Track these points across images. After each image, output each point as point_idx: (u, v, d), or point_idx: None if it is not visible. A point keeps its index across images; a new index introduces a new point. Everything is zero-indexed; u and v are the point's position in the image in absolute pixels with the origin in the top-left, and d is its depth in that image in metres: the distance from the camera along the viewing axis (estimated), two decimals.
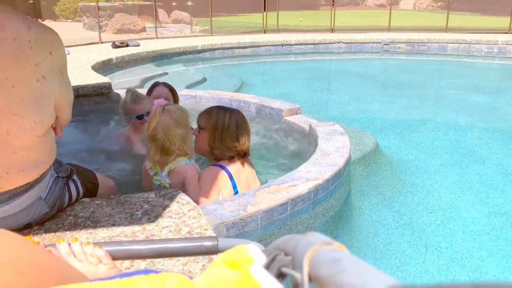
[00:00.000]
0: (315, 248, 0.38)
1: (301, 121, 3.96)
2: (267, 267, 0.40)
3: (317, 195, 2.56)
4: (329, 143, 3.20)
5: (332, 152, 3.03)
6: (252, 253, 0.41)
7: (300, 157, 3.43)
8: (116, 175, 3.12)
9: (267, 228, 2.29)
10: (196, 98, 4.80)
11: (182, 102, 4.79)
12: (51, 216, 1.89)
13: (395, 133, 4.86)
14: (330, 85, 7.55)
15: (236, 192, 2.45)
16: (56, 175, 1.90)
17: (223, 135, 2.48)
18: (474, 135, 4.88)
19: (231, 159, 2.50)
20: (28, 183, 1.72)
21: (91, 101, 4.75)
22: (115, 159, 3.36)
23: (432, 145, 4.51)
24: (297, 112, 4.13)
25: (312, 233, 0.41)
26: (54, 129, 1.82)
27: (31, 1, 11.06)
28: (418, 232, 3.01)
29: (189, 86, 6.24)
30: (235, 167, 2.50)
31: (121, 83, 6.06)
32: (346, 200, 3.01)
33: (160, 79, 6.79)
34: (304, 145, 3.63)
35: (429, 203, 3.37)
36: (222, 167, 2.46)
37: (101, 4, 12.87)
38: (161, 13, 16.25)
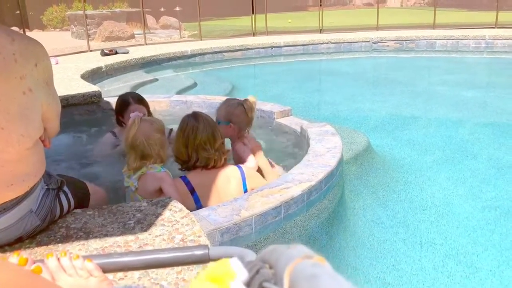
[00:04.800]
0: (296, 262, 0.37)
1: (293, 122, 3.96)
2: (249, 282, 0.40)
3: (310, 197, 2.56)
4: (320, 144, 3.21)
5: (324, 153, 3.04)
6: (235, 268, 0.40)
7: (292, 158, 3.43)
8: (109, 183, 3.11)
9: (262, 232, 2.29)
10: (187, 104, 4.79)
11: (173, 108, 4.82)
12: (42, 229, 1.86)
13: (387, 131, 4.87)
14: (320, 86, 7.57)
15: (199, 206, 2.39)
16: (46, 187, 1.88)
17: (175, 140, 2.50)
18: (465, 131, 4.90)
19: (183, 166, 2.50)
20: (17, 196, 1.70)
21: (81, 110, 4.72)
22: (107, 167, 3.34)
23: (424, 142, 4.53)
24: (288, 114, 4.14)
25: (294, 246, 0.41)
26: (42, 141, 1.80)
27: (18, 12, 10.99)
28: (413, 230, 3.02)
29: (179, 92, 6.21)
30: (200, 179, 2.45)
31: (111, 91, 6.03)
32: (340, 201, 3.01)
33: (150, 86, 6.89)
34: (296, 147, 3.63)
35: (422, 200, 3.38)
36: (184, 179, 2.45)
37: (88, 12, 12.81)
38: (150, 19, 16.22)
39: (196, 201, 2.41)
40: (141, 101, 3.40)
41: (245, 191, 2.52)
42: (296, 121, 3.98)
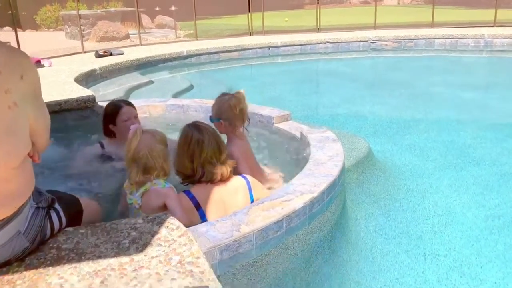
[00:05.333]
0: None
1: (292, 127, 3.87)
2: None
3: (312, 209, 2.47)
4: (322, 152, 3.12)
5: (325, 161, 2.94)
6: None
7: (292, 166, 3.34)
8: (103, 193, 3.02)
9: (263, 248, 2.19)
10: (183, 108, 4.69)
11: (169, 112, 4.71)
12: (32, 250, 1.77)
13: (387, 136, 4.79)
14: (319, 88, 7.48)
15: (204, 221, 2.30)
16: (36, 206, 1.79)
17: (177, 153, 2.40)
18: (466, 134, 4.82)
19: (186, 181, 2.41)
20: (4, 218, 1.60)
21: (75, 115, 4.62)
22: (101, 175, 3.24)
23: (425, 147, 4.45)
24: (287, 118, 4.05)
25: None
26: (31, 156, 1.70)
27: (10, 12, 10.85)
28: (416, 240, 2.95)
29: (176, 94, 6.12)
30: (207, 194, 2.36)
31: (106, 95, 5.92)
32: (342, 211, 2.93)
33: (146, 88, 6.78)
34: (296, 154, 3.53)
35: (425, 209, 3.31)
36: (189, 194, 2.35)
37: (82, 12, 12.66)
38: (145, 19, 16.08)
39: (202, 217, 2.32)
40: (130, 104, 3.35)
41: (252, 202, 2.44)
42: (295, 126, 3.88)
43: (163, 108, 4.72)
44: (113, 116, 3.21)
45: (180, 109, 4.69)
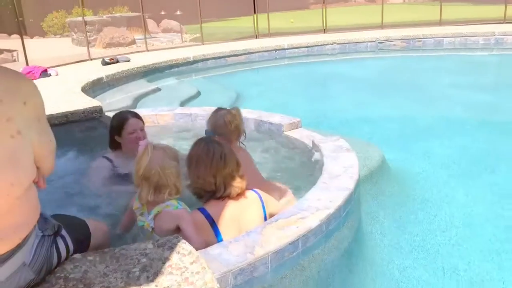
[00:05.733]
0: None
1: (303, 135, 3.78)
2: None
3: (329, 226, 2.38)
4: (336, 163, 3.02)
5: (340, 174, 2.85)
6: None
7: (304, 177, 3.25)
8: (112, 210, 2.95)
9: (278, 270, 2.11)
10: (191, 117, 4.61)
11: (177, 121, 4.64)
12: (38, 281, 1.70)
13: (399, 142, 4.68)
14: (327, 91, 7.37)
15: (219, 240, 2.21)
16: (41, 234, 1.72)
17: (188, 170, 2.30)
18: (481, 139, 4.70)
19: (204, 198, 2.30)
20: (8, 250, 1.53)
21: (82, 127, 4.57)
22: (112, 193, 3.17)
23: (438, 154, 4.35)
24: (297, 126, 3.96)
25: None
26: (36, 182, 1.64)
27: (19, 19, 10.87)
28: (433, 254, 2.86)
29: (183, 102, 6.06)
30: (222, 210, 2.25)
31: (113, 103, 5.87)
32: (358, 226, 2.83)
33: (153, 96, 6.73)
34: (309, 164, 3.43)
35: (441, 220, 3.21)
36: (204, 212, 2.25)
37: (88, 18, 12.65)
38: (150, 23, 16.05)
39: (217, 235, 2.22)
40: (137, 116, 3.30)
41: (265, 217, 2.36)
42: (306, 133, 3.79)
43: (171, 117, 4.66)
44: (119, 128, 3.17)
45: (188, 118, 4.62)
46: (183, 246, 1.95)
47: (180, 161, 2.35)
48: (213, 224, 2.22)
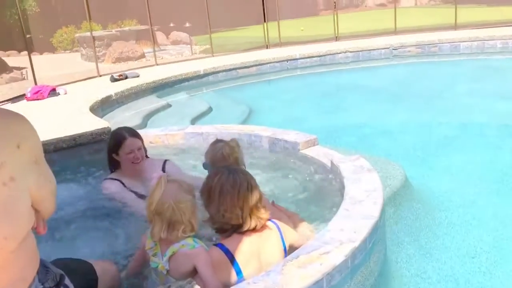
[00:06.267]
0: None
1: (320, 154, 3.58)
2: None
3: (354, 261, 2.17)
4: (357, 186, 2.80)
5: (363, 199, 2.63)
6: None
7: (323, 200, 3.06)
8: (121, 243, 2.80)
9: None
10: (203, 136, 4.45)
11: (188, 141, 4.49)
12: None
13: (420, 158, 4.46)
14: (342, 103, 7.16)
15: (240, 278, 2.04)
16: (42, 286, 1.54)
17: (207, 202, 2.11)
18: (506, 153, 4.45)
19: (233, 233, 2.11)
20: None
21: (91, 150, 4.45)
22: (120, 220, 3.03)
23: (462, 170, 4.12)
24: (314, 143, 3.77)
25: None
26: (35, 227, 1.47)
27: (29, 36, 10.90)
28: (463, 284, 2.66)
29: (194, 119, 5.92)
30: (241, 245, 2.08)
31: (123, 122, 5.75)
32: (384, 258, 2.63)
33: (164, 113, 6.60)
34: (328, 186, 3.23)
35: (470, 245, 3.00)
36: (222, 247, 2.08)
37: (96, 33, 12.62)
38: (160, 36, 16.05)
39: (238, 273, 2.05)
40: (135, 134, 3.24)
41: (284, 249, 2.20)
42: (324, 152, 3.59)
43: (181, 136, 4.50)
44: (117, 148, 3.16)
45: (199, 137, 4.46)
46: None
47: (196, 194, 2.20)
48: (233, 260, 2.05)
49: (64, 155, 4.31)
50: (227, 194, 2.06)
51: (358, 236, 2.23)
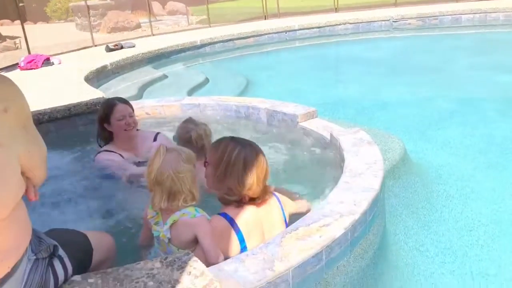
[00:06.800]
0: None
1: (319, 127, 3.53)
2: None
3: (354, 233, 2.15)
4: (357, 158, 2.77)
5: (363, 171, 2.60)
6: None
7: (323, 172, 3.03)
8: (119, 214, 2.77)
9: (301, 287, 1.90)
10: (200, 107, 4.39)
11: (185, 112, 4.42)
12: None
13: (420, 132, 4.42)
14: (341, 76, 7.09)
15: (243, 247, 2.03)
16: (34, 257, 1.52)
17: (226, 175, 2.07)
18: (506, 126, 4.42)
19: (239, 203, 2.09)
20: None
21: (86, 120, 4.38)
22: (119, 191, 2.99)
23: (462, 143, 4.09)
24: (313, 116, 3.72)
25: None
26: (26, 194, 1.44)
27: (21, 4, 10.64)
28: (461, 257, 2.65)
29: (191, 90, 5.84)
30: (245, 215, 2.07)
31: (118, 92, 5.66)
32: (383, 231, 2.61)
33: (160, 84, 6.51)
34: (327, 157, 3.20)
35: (468, 218, 2.99)
36: (226, 216, 2.06)
37: (92, 3, 12.36)
38: (156, 6, 15.74)
39: (241, 241, 2.04)
40: (126, 102, 3.20)
41: (285, 220, 2.20)
42: (323, 124, 3.55)
43: (178, 108, 4.44)
44: (107, 116, 3.09)
45: (196, 108, 4.40)
46: (195, 265, 1.75)
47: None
48: (237, 229, 2.04)
49: (58, 125, 4.25)
50: (251, 166, 2.05)
51: (358, 209, 2.20)
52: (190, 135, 2.76)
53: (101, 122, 3.14)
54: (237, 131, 3.72)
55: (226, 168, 2.07)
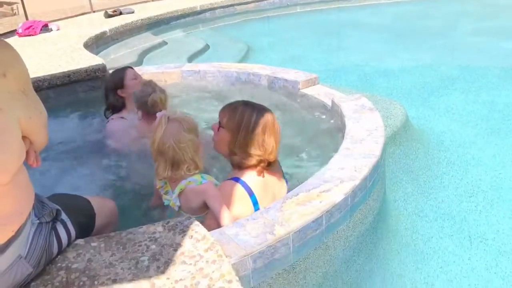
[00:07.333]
0: None
1: (321, 93, 3.52)
2: None
3: (354, 199, 2.16)
4: (359, 125, 2.76)
5: (364, 137, 2.59)
6: None
7: (324, 138, 3.03)
8: (121, 179, 2.79)
9: (301, 251, 1.93)
10: (200, 73, 4.36)
11: (185, 79, 4.40)
12: (38, 273, 1.55)
13: (422, 98, 4.40)
14: (343, 42, 6.99)
15: (257, 210, 2.05)
16: (38, 221, 1.54)
17: (246, 140, 2.07)
18: (508, 94, 4.39)
19: (253, 168, 2.09)
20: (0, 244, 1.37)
21: (85, 87, 4.35)
22: (120, 157, 3.00)
23: (464, 110, 4.08)
24: (314, 82, 3.70)
25: None
26: (27, 160, 1.44)
27: None
28: (460, 223, 2.71)
29: (191, 57, 5.78)
30: (257, 179, 2.09)
31: (118, 59, 5.61)
32: (383, 196, 2.64)
33: (160, 51, 6.43)
34: (329, 125, 3.19)
35: (468, 184, 3.04)
36: (239, 181, 2.07)
37: None
38: None
39: (255, 204, 2.07)
40: (131, 68, 3.30)
41: (287, 183, 2.25)
42: (324, 91, 3.53)
43: (178, 74, 4.40)
44: (121, 79, 3.13)
45: (196, 75, 4.37)
46: (196, 229, 1.78)
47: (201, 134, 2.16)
48: (251, 193, 2.06)
49: (58, 92, 4.22)
50: (270, 131, 2.07)
51: (358, 175, 2.21)
52: (146, 100, 2.81)
53: (114, 89, 3.13)
54: (238, 98, 3.69)
55: (246, 133, 2.07)
